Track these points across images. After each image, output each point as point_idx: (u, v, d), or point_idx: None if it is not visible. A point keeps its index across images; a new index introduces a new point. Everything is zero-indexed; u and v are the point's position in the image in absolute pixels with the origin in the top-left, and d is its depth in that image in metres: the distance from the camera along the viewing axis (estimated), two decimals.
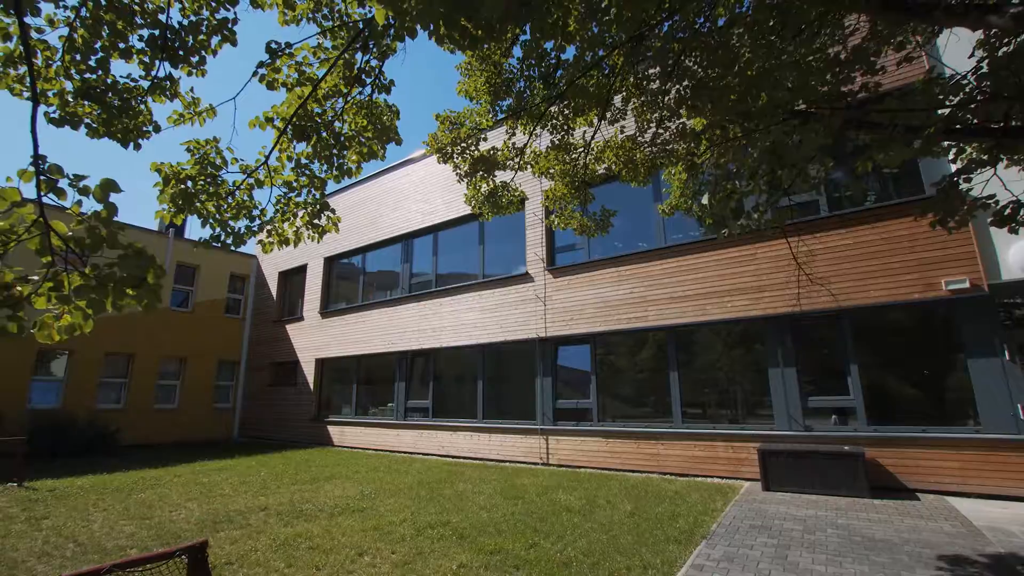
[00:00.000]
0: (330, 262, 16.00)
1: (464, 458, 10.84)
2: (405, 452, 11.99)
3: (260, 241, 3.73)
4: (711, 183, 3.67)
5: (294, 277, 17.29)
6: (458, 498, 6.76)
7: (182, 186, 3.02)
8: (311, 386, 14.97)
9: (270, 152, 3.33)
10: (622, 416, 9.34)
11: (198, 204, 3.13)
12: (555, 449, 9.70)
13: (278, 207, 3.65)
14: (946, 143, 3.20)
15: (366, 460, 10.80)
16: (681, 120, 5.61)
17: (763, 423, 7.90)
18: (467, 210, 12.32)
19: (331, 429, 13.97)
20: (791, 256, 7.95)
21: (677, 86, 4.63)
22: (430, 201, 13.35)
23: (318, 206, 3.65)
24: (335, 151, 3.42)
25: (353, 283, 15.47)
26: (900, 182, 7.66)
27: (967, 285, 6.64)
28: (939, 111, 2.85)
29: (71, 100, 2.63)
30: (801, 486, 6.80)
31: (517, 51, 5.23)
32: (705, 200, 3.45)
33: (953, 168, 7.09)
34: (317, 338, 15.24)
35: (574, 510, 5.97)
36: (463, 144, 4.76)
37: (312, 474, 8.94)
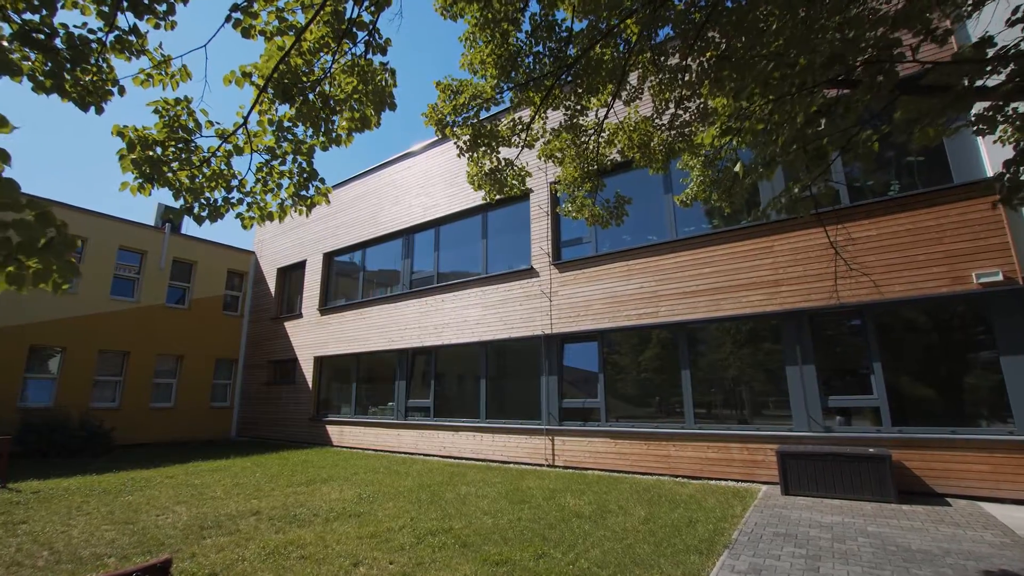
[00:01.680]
0: (329, 258, 15.67)
1: (466, 459, 10.49)
2: (405, 453, 11.65)
3: (240, 216, 3.35)
4: (752, 148, 3.27)
5: (293, 273, 16.97)
6: (460, 502, 6.41)
7: (149, 152, 2.66)
8: (310, 385, 14.64)
9: (249, 112, 2.95)
10: (631, 416, 8.98)
11: (169, 174, 2.76)
12: (561, 450, 9.34)
13: (259, 176, 3.26)
14: (1015, 107, 2.83)
15: (365, 461, 10.46)
16: (701, 100, 5.26)
17: (780, 424, 7.53)
18: (469, 203, 11.99)
19: (330, 429, 13.64)
20: (809, 249, 7.61)
21: (700, 59, 4.28)
22: (432, 195, 13.01)
23: (305, 175, 3.27)
24: (323, 114, 3.05)
25: (353, 279, 15.14)
26: (926, 171, 7.29)
27: (1000, 278, 6.27)
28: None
29: (8, 44, 2.26)
30: (823, 490, 6.44)
31: (526, 26, 4.90)
32: (738, 168, 3.08)
33: (984, 152, 6.76)
34: (316, 336, 14.91)
35: (584, 516, 5.61)
36: (465, 113, 4.41)
37: (309, 476, 8.60)
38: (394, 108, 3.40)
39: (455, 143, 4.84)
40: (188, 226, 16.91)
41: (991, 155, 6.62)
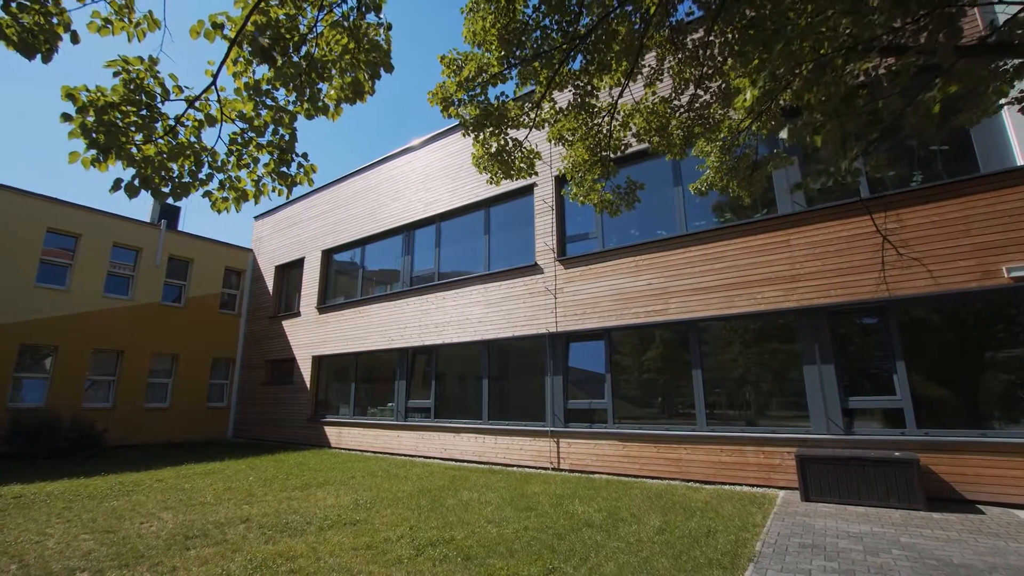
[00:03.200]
0: (328, 255, 15.35)
1: (468, 462, 10.15)
2: (405, 455, 11.31)
3: (209, 194, 2.96)
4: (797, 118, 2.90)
5: (291, 271, 16.66)
6: (463, 509, 6.07)
7: (104, 116, 2.30)
8: (308, 385, 14.31)
9: (219, 67, 2.57)
10: (640, 418, 8.64)
11: (133, 149, 2.40)
12: (567, 453, 9.00)
13: (233, 149, 2.89)
14: None
15: (363, 464, 10.12)
16: (723, 81, 4.93)
17: (798, 426, 7.19)
18: (471, 198, 11.66)
19: (328, 430, 13.31)
20: (828, 242, 7.26)
21: (725, 28, 3.94)
22: (432, 190, 12.68)
23: (284, 147, 2.88)
24: (310, 78, 2.68)
25: (352, 278, 14.81)
26: (950, 160, 6.94)
27: None
28: None
29: None
30: (845, 496, 6.09)
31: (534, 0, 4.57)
32: (784, 134, 2.74)
33: (1014, 139, 6.41)
34: (314, 334, 14.58)
35: (595, 525, 5.27)
36: (471, 91, 4.07)
37: (304, 479, 8.26)
38: (390, 70, 3.03)
39: (460, 122, 4.50)
40: (185, 223, 16.61)
41: (1022, 142, 6.27)
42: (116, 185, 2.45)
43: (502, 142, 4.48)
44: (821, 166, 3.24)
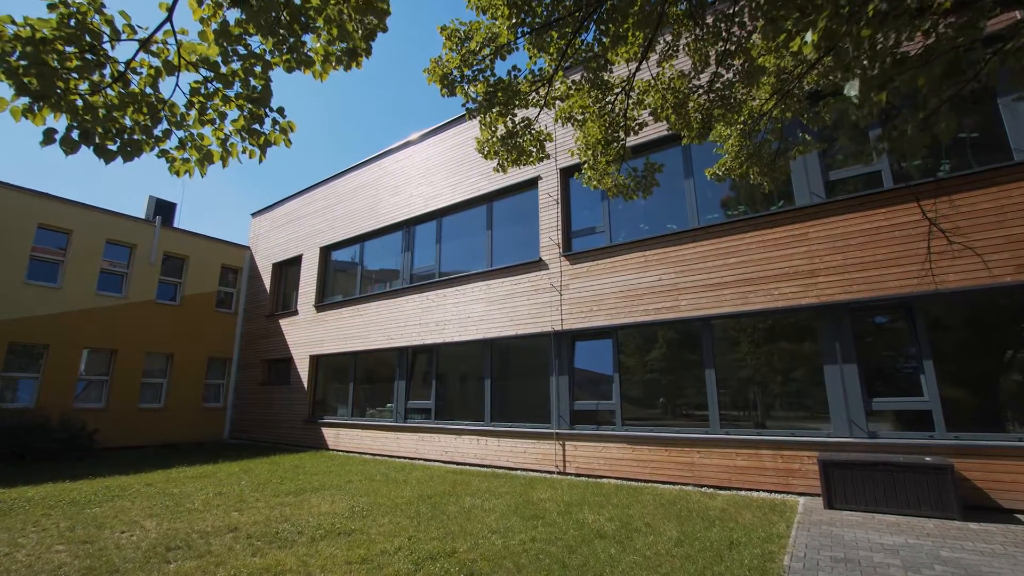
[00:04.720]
0: (326, 252, 15.00)
1: (470, 465, 9.79)
2: (405, 457, 10.95)
3: (165, 153, 2.53)
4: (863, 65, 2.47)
5: (288, 269, 16.31)
6: (465, 517, 5.70)
7: (28, 48, 1.89)
8: (305, 385, 13.95)
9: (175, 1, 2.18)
10: (650, 420, 8.26)
11: (79, 101, 2.02)
12: (573, 456, 8.63)
13: (195, 100, 2.49)
14: None
15: (361, 467, 9.76)
16: (745, 60, 4.57)
17: (818, 428, 6.82)
18: (474, 192, 11.31)
19: (326, 431, 12.95)
20: (849, 235, 6.89)
21: None
22: (433, 184, 12.32)
23: (257, 98, 2.48)
24: (293, 28, 2.28)
25: (351, 275, 14.46)
26: (979, 149, 6.57)
27: None
28: None
29: None
30: (872, 504, 5.72)
31: None
32: (848, 90, 2.38)
33: None
34: (312, 333, 14.23)
35: (607, 536, 4.90)
36: (477, 66, 3.71)
37: (299, 483, 7.90)
38: (387, 16, 2.61)
39: (464, 102, 4.13)
40: (181, 219, 16.26)
41: None
42: (48, 137, 2.05)
43: (510, 124, 4.12)
44: (896, 127, 2.74)
